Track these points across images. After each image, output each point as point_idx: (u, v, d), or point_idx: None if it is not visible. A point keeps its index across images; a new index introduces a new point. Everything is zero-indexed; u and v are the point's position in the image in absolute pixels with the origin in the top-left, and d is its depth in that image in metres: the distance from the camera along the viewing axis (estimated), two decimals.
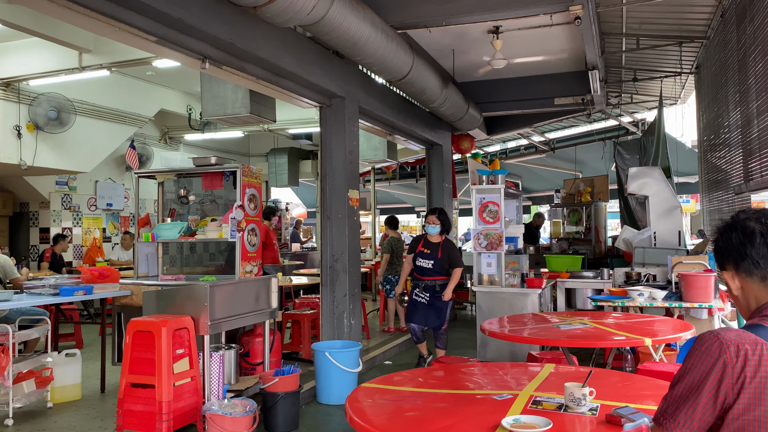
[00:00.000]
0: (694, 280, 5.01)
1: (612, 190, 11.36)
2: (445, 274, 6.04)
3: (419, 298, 6.04)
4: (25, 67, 7.74)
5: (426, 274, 6.05)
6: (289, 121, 10.30)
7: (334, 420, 4.87)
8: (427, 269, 6.03)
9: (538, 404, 2.36)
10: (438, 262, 5.99)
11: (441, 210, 6.17)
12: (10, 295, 5.07)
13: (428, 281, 6.03)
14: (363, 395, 2.64)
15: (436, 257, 5.99)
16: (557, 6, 5.51)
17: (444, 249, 6.03)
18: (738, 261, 1.47)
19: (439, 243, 6.07)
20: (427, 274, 6.04)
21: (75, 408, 5.15)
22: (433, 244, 6.08)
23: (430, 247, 6.06)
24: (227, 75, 5.17)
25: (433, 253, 6.02)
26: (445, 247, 6.05)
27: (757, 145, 5.31)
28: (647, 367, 4.01)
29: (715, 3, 6.59)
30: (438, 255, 5.99)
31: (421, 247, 6.10)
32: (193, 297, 4.55)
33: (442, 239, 6.10)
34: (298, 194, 18.49)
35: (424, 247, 6.08)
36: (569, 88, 8.95)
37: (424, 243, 6.11)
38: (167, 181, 6.17)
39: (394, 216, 9.15)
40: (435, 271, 6.01)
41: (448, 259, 6.01)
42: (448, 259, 6.01)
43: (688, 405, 1.32)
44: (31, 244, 10.29)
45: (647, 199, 6.85)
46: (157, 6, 3.87)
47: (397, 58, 5.94)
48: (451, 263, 6.03)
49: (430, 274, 6.03)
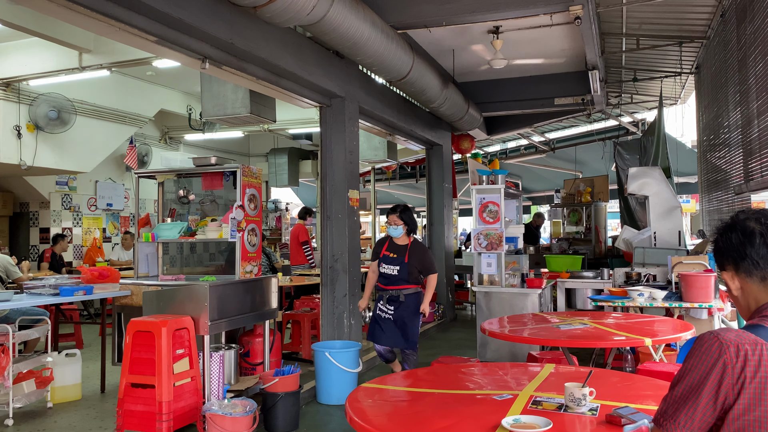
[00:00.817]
0: (694, 281, 5.01)
1: (612, 190, 11.36)
2: (413, 282, 5.11)
3: (383, 313, 5.10)
4: (25, 67, 7.74)
5: (391, 282, 5.10)
6: (289, 121, 10.30)
7: (334, 420, 4.87)
8: (392, 277, 5.08)
9: (538, 404, 2.36)
10: (405, 267, 5.05)
11: (403, 207, 5.29)
12: (10, 295, 5.07)
13: (393, 291, 5.09)
14: (363, 395, 2.64)
15: (402, 262, 5.06)
16: (557, 6, 5.52)
17: (413, 252, 5.10)
18: (738, 261, 1.47)
19: (406, 245, 5.16)
20: (392, 282, 5.09)
21: (75, 408, 5.15)
22: (399, 246, 5.17)
23: (396, 251, 5.14)
24: (227, 75, 5.17)
25: (399, 257, 5.10)
26: (414, 250, 5.11)
27: (757, 145, 5.31)
28: (647, 368, 4.01)
29: (715, 3, 6.59)
30: (405, 259, 5.07)
31: (386, 250, 5.18)
32: (193, 297, 4.55)
33: (410, 241, 5.20)
34: (298, 194, 18.48)
35: (389, 251, 5.16)
36: (569, 88, 8.95)
37: (388, 246, 5.19)
38: (167, 181, 6.16)
39: None
40: (401, 279, 5.07)
41: (417, 263, 5.08)
42: (418, 264, 5.08)
43: (689, 406, 1.32)
44: (31, 244, 10.29)
45: (647, 199, 6.85)
46: (157, 6, 3.87)
47: (397, 58, 5.94)
48: (423, 269, 5.11)
49: (395, 282, 5.08)
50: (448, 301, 9.84)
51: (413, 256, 5.07)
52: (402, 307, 5.04)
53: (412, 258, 5.07)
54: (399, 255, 5.10)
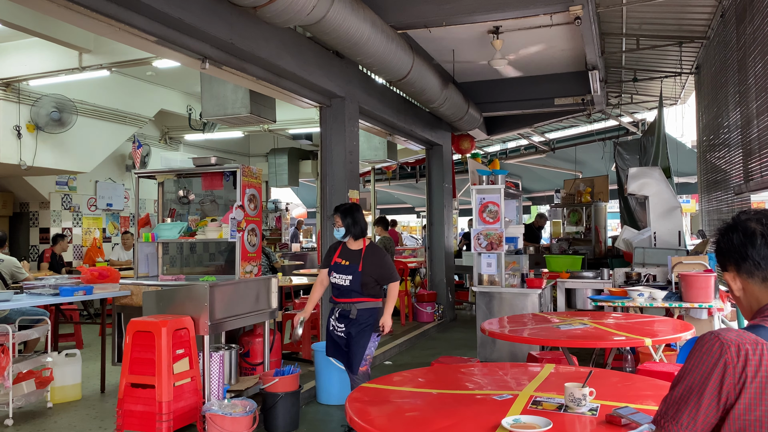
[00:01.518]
0: (694, 281, 5.01)
1: (612, 190, 11.36)
2: (368, 295, 4.21)
3: (336, 330, 4.28)
4: (25, 67, 7.74)
5: (342, 294, 4.25)
6: (289, 121, 10.31)
7: (334, 420, 4.87)
8: (343, 288, 4.23)
9: (538, 404, 2.36)
10: (358, 277, 4.17)
11: (347, 207, 4.37)
12: (10, 295, 5.07)
13: (344, 305, 4.24)
14: (363, 395, 2.64)
15: (355, 271, 4.19)
16: (557, 6, 5.52)
17: (367, 259, 4.23)
18: (739, 262, 1.47)
19: (360, 251, 4.29)
20: (344, 294, 4.24)
21: (75, 408, 5.15)
22: (352, 252, 4.30)
23: (349, 257, 4.29)
24: (227, 75, 5.18)
25: (351, 265, 4.24)
26: (368, 256, 4.25)
27: (757, 145, 5.31)
28: (647, 368, 4.01)
29: (715, 3, 6.59)
30: (359, 267, 4.20)
31: (338, 257, 4.34)
32: (193, 297, 4.55)
33: (365, 245, 4.33)
34: (298, 194, 18.49)
35: (342, 257, 4.31)
36: (569, 88, 8.96)
37: (341, 252, 4.36)
38: (167, 181, 6.17)
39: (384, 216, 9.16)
40: (353, 291, 4.19)
41: (373, 272, 4.21)
42: (374, 273, 4.22)
43: (691, 406, 1.32)
44: (31, 244, 10.29)
45: (647, 199, 6.85)
46: (157, 6, 3.87)
47: (397, 58, 5.94)
48: (381, 277, 4.24)
49: (347, 294, 4.23)
50: (448, 301, 9.84)
51: (368, 263, 4.22)
52: (352, 325, 4.18)
53: (366, 265, 4.21)
54: (351, 262, 4.25)
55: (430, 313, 9.40)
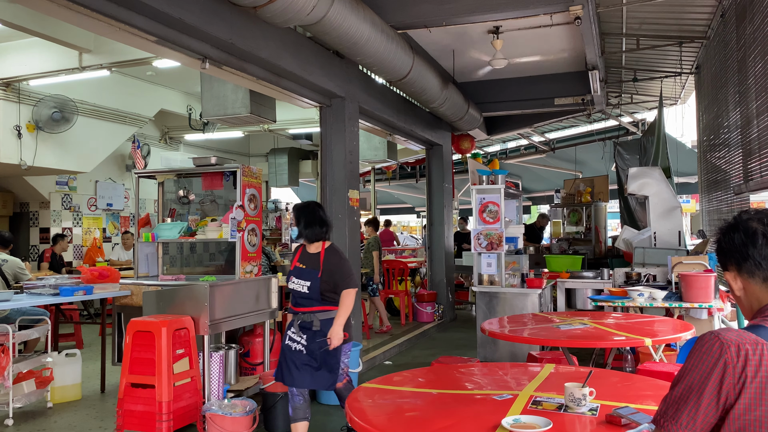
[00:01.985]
0: (694, 281, 5.01)
1: (612, 190, 11.36)
2: (329, 303, 3.83)
3: (294, 342, 3.84)
4: (25, 67, 7.74)
5: (302, 303, 3.86)
6: (289, 121, 10.31)
7: (334, 420, 4.87)
8: (302, 296, 3.86)
9: (538, 404, 2.36)
10: (317, 282, 3.80)
11: (300, 207, 4.00)
12: (10, 295, 5.07)
13: (305, 315, 3.83)
14: (363, 395, 2.64)
15: (315, 276, 3.82)
16: (557, 6, 5.52)
17: (327, 262, 3.85)
18: (740, 262, 1.47)
19: (318, 254, 3.90)
20: (304, 303, 3.86)
21: (75, 408, 5.15)
22: (311, 255, 3.92)
23: (307, 261, 3.91)
24: (227, 75, 5.18)
25: (309, 269, 3.87)
26: (327, 259, 3.87)
27: (757, 145, 5.31)
28: (647, 368, 4.01)
29: (715, 3, 6.59)
30: (318, 273, 3.82)
31: (297, 261, 3.97)
32: (193, 297, 4.55)
33: (323, 247, 3.91)
34: (298, 194, 18.49)
35: (301, 261, 3.94)
36: (569, 88, 8.96)
37: (301, 255, 3.99)
38: (167, 181, 6.17)
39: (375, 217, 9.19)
40: (312, 299, 3.82)
41: (330, 277, 3.82)
42: (331, 278, 3.82)
43: (690, 406, 1.32)
44: (31, 244, 10.29)
45: (647, 199, 6.85)
46: (157, 6, 3.87)
47: (397, 58, 5.94)
48: (336, 283, 3.82)
49: (307, 303, 3.85)
50: (448, 301, 9.84)
51: (327, 268, 3.85)
52: (316, 337, 3.79)
53: (326, 270, 3.85)
54: (310, 266, 3.88)
55: (430, 313, 9.41)
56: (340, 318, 3.75)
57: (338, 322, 3.73)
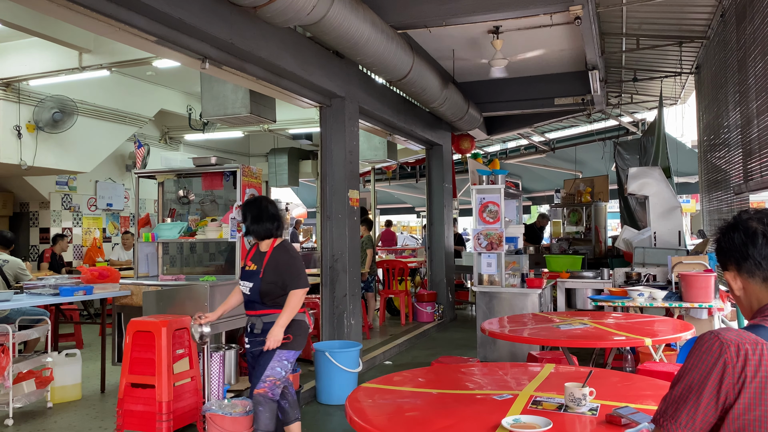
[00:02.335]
0: (694, 280, 5.01)
1: (612, 190, 11.36)
2: (272, 305, 3.58)
3: (248, 346, 3.71)
4: (25, 67, 7.74)
5: (248, 306, 3.69)
6: (289, 121, 10.30)
7: (334, 420, 4.87)
8: (247, 298, 3.67)
9: (538, 404, 2.36)
10: (257, 284, 3.56)
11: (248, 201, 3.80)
12: (10, 295, 5.07)
13: (251, 318, 3.67)
14: (363, 395, 2.64)
15: (257, 277, 3.58)
16: (557, 6, 5.52)
17: (271, 262, 3.59)
18: (740, 261, 1.47)
19: (265, 253, 3.66)
20: (248, 305, 3.68)
21: (75, 408, 5.15)
22: (261, 254, 3.68)
23: (256, 260, 3.67)
24: (227, 75, 5.17)
25: (254, 270, 3.62)
26: (274, 258, 3.60)
27: (757, 145, 5.31)
28: (647, 367, 4.01)
29: (715, 3, 6.59)
30: (260, 273, 3.58)
31: (249, 260, 3.73)
32: (193, 297, 4.55)
33: (273, 245, 3.66)
34: (298, 194, 18.50)
35: (252, 261, 3.70)
36: (569, 88, 8.96)
37: (253, 254, 3.75)
38: (167, 181, 6.17)
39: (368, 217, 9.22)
40: (254, 301, 3.61)
41: (277, 277, 3.56)
42: (278, 278, 3.57)
43: (690, 405, 1.32)
44: (31, 244, 10.29)
45: (647, 199, 6.85)
46: (157, 6, 3.87)
47: (397, 58, 5.94)
48: (284, 283, 3.57)
49: (250, 305, 3.66)
50: (448, 301, 9.85)
51: (270, 268, 3.57)
52: (258, 341, 3.59)
53: (267, 271, 3.56)
54: (256, 266, 3.63)
55: (430, 313, 9.41)
56: (281, 319, 3.49)
57: (279, 323, 3.48)
